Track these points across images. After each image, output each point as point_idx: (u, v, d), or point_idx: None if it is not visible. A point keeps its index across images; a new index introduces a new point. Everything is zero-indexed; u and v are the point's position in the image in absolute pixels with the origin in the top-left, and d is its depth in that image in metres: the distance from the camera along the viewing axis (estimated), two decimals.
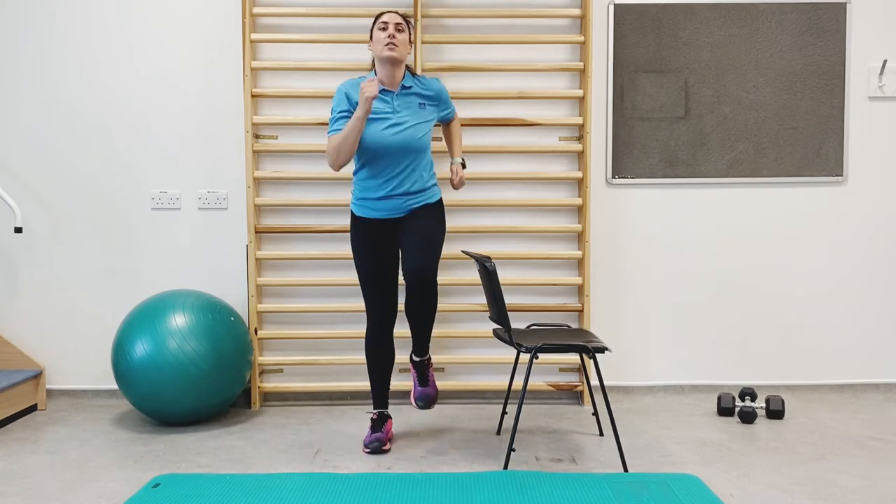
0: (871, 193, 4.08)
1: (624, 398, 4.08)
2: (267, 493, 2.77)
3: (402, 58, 3.14)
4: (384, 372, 3.36)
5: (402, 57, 3.14)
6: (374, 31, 3.18)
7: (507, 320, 3.06)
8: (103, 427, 3.62)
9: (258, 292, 3.93)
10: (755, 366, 4.12)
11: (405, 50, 3.15)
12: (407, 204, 3.20)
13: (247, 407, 3.93)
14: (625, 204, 4.05)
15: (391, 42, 3.10)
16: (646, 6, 3.96)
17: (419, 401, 3.33)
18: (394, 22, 3.14)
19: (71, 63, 3.95)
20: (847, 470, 3.04)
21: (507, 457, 3.04)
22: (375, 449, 3.24)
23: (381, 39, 3.13)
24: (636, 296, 4.09)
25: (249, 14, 3.82)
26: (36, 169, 3.98)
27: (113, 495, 2.81)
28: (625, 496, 2.73)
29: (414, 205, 3.21)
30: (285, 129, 3.96)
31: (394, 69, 3.15)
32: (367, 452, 3.25)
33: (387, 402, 3.40)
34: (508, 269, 4.01)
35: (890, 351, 4.12)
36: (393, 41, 3.10)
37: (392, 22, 3.13)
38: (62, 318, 4.02)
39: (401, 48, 3.12)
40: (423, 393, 3.34)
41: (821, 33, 4.00)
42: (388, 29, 3.12)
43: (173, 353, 3.40)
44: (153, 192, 4.00)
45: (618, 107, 4.00)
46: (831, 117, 4.02)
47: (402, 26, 3.15)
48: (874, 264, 4.10)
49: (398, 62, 3.14)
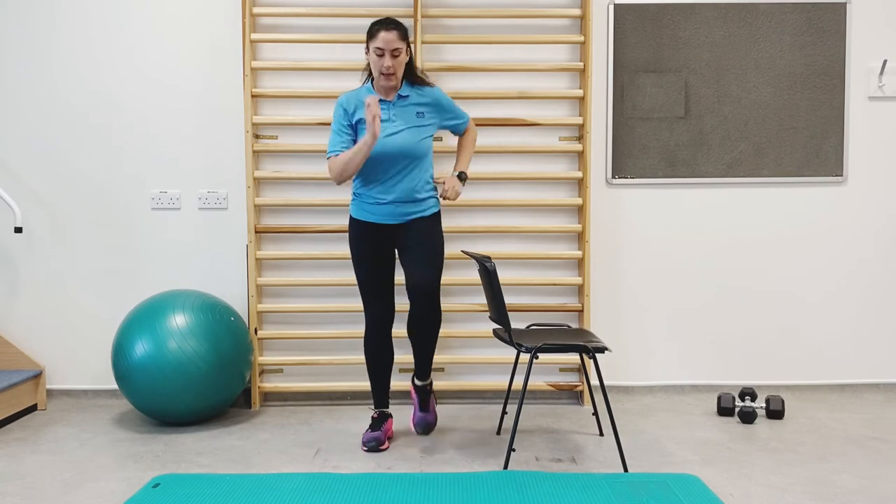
0: (871, 193, 4.08)
1: (624, 398, 4.08)
2: (267, 493, 2.77)
3: (398, 81, 3.21)
4: (384, 372, 3.38)
5: (398, 80, 3.21)
6: (369, 47, 3.16)
7: (507, 320, 3.06)
8: (103, 427, 3.62)
9: (258, 292, 3.93)
10: (755, 366, 4.12)
11: (401, 70, 3.20)
12: (403, 211, 3.21)
13: (247, 407, 3.93)
14: (625, 204, 4.05)
15: (388, 74, 3.14)
16: (646, 6, 3.96)
17: (418, 426, 3.35)
18: (390, 50, 3.12)
19: (71, 63, 3.95)
20: (847, 470, 3.04)
21: (507, 457, 3.04)
22: (373, 448, 3.25)
23: (377, 65, 3.15)
24: (636, 296, 4.08)
25: (249, 14, 3.82)
26: (36, 169, 3.98)
27: (113, 495, 2.81)
28: (625, 496, 2.73)
29: (411, 215, 3.23)
30: (285, 129, 3.96)
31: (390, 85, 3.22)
32: (365, 450, 3.25)
33: (387, 402, 3.41)
34: (508, 269, 4.01)
35: (890, 351, 4.12)
36: (390, 72, 3.14)
37: (388, 50, 3.12)
38: (62, 318, 4.02)
39: (398, 72, 3.17)
40: (422, 419, 3.36)
41: (821, 33, 4.00)
42: (385, 58, 3.12)
43: (173, 353, 3.40)
44: (153, 192, 4.00)
45: (618, 107, 4.00)
46: (831, 117, 4.02)
47: (398, 52, 3.14)
48: (874, 264, 4.10)
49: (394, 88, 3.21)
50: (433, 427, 3.35)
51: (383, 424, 3.34)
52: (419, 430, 3.34)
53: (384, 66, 3.12)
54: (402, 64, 3.18)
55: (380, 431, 3.29)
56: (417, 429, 3.34)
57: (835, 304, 4.11)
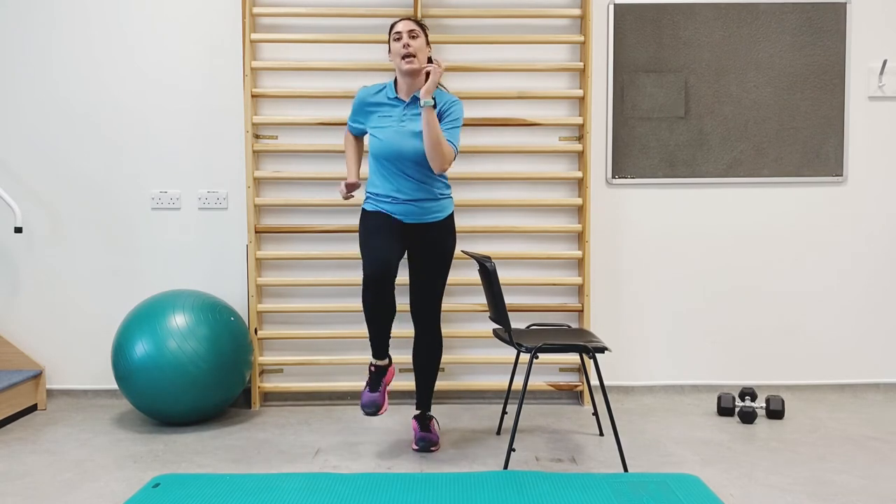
0: (871, 193, 4.08)
1: (624, 398, 4.08)
2: (267, 493, 2.77)
3: (421, 67, 3.13)
4: (382, 320, 3.15)
5: (421, 66, 3.13)
6: (390, 42, 3.18)
7: (507, 320, 3.06)
8: (103, 427, 3.62)
9: (258, 292, 3.93)
10: (755, 366, 4.12)
11: (423, 55, 3.15)
12: (416, 211, 3.18)
13: (247, 407, 3.93)
14: (625, 204, 4.05)
15: (408, 54, 3.10)
16: (646, 6, 3.96)
17: (419, 442, 3.26)
18: (407, 30, 3.13)
19: (71, 63, 3.95)
20: (847, 470, 3.04)
21: (507, 457, 3.05)
22: (371, 413, 3.15)
23: (398, 51, 3.13)
24: (636, 295, 4.08)
25: (249, 14, 3.82)
26: (36, 169, 3.98)
27: (113, 495, 2.81)
28: (625, 496, 2.73)
29: (424, 217, 3.19)
30: (285, 129, 3.96)
31: (413, 80, 3.16)
32: (365, 414, 3.19)
33: (386, 350, 3.23)
34: (508, 269, 4.01)
35: (890, 351, 4.12)
36: (409, 51, 3.10)
37: (405, 30, 3.12)
38: (62, 318, 4.02)
39: (419, 55, 3.12)
40: (424, 437, 3.27)
41: (821, 33, 4.00)
42: (403, 38, 3.12)
43: (173, 353, 3.40)
44: (153, 192, 4.00)
45: (618, 107, 4.00)
46: (831, 117, 4.02)
47: (415, 32, 3.14)
48: (874, 264, 4.10)
49: (417, 73, 3.14)
50: (435, 445, 3.29)
51: (381, 380, 3.23)
52: (420, 445, 3.27)
53: (402, 44, 3.11)
54: (423, 50, 3.15)
55: (377, 393, 3.19)
56: (419, 443, 3.26)
57: (835, 304, 4.11)
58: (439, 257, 3.24)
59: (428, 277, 3.24)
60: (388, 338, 3.22)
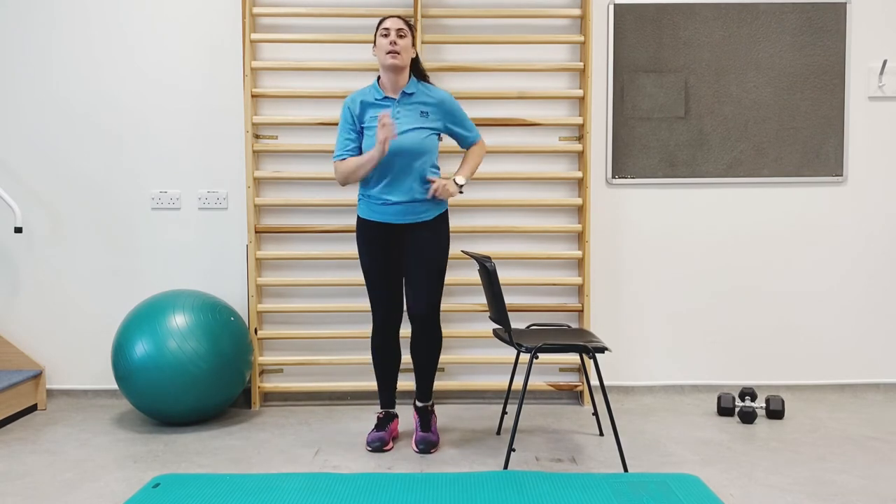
0: (871, 193, 4.08)
1: (624, 398, 4.08)
2: (267, 493, 2.77)
3: (405, 64, 3.17)
4: (390, 372, 3.37)
5: (405, 63, 3.17)
6: (376, 36, 3.19)
7: (507, 320, 3.06)
8: (103, 427, 3.62)
9: (258, 292, 3.93)
10: (755, 366, 4.12)
11: (407, 55, 3.18)
12: (411, 210, 3.19)
13: (247, 407, 3.93)
14: (625, 204, 4.05)
15: (393, 50, 3.12)
16: (646, 6, 3.96)
17: (420, 444, 3.26)
18: (395, 28, 3.15)
19: (71, 63, 3.95)
20: (847, 470, 3.04)
21: (507, 457, 3.05)
22: (377, 448, 3.25)
23: (383, 46, 3.15)
24: (636, 296, 4.08)
25: (249, 14, 3.82)
26: (36, 169, 3.98)
27: (113, 495, 2.81)
28: (625, 496, 2.73)
29: (417, 216, 3.21)
30: (285, 129, 3.96)
31: (396, 76, 3.18)
32: (369, 450, 3.25)
33: (394, 402, 3.41)
34: (508, 269, 4.01)
35: (890, 351, 4.12)
36: (395, 48, 3.12)
37: (394, 28, 3.15)
38: (62, 318, 4.02)
39: (403, 55, 3.14)
40: (424, 438, 3.27)
41: (821, 33, 4.00)
42: (390, 35, 3.13)
43: (173, 353, 3.40)
44: (153, 192, 4.00)
45: (618, 107, 4.00)
46: (831, 117, 4.02)
47: (403, 32, 3.16)
48: (874, 264, 4.10)
49: (400, 69, 3.16)
50: (435, 446, 3.29)
51: (388, 424, 3.34)
52: (421, 447, 3.27)
53: (389, 41, 3.12)
54: (408, 49, 3.17)
55: (384, 431, 3.29)
56: (419, 446, 3.26)
57: (835, 304, 4.11)
58: (434, 255, 3.24)
59: (424, 276, 3.24)
60: (395, 387, 3.41)
